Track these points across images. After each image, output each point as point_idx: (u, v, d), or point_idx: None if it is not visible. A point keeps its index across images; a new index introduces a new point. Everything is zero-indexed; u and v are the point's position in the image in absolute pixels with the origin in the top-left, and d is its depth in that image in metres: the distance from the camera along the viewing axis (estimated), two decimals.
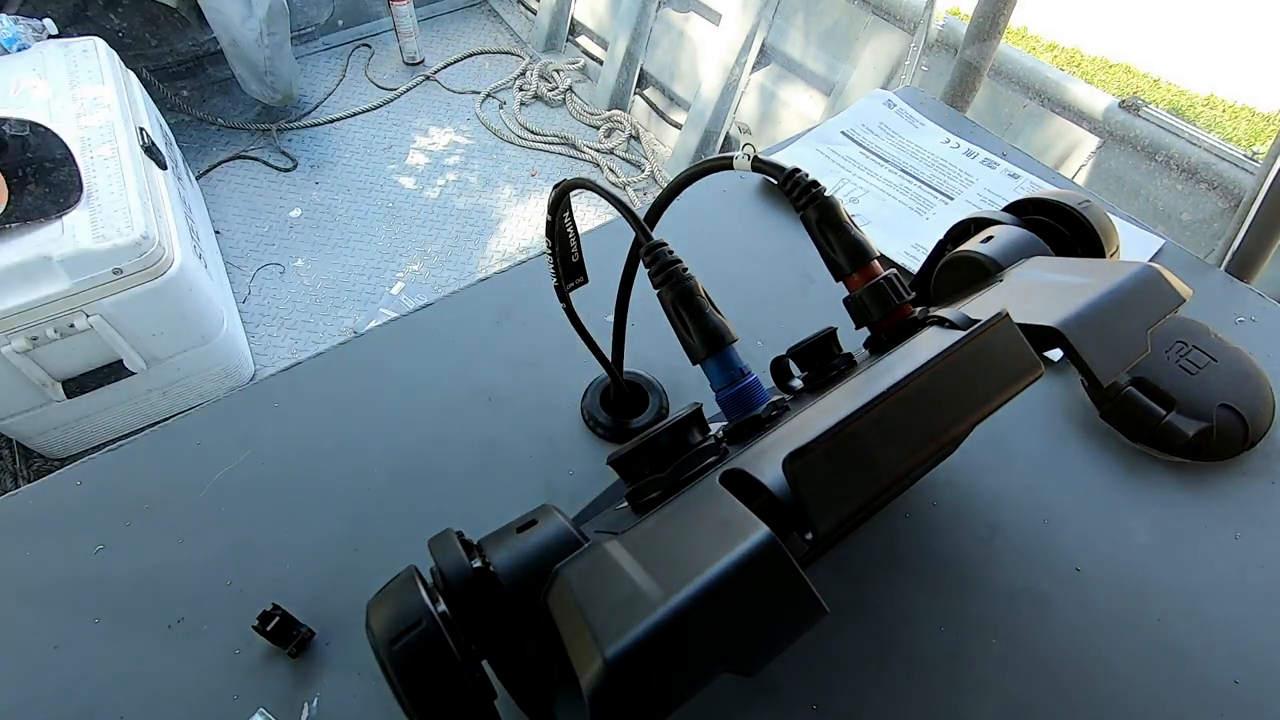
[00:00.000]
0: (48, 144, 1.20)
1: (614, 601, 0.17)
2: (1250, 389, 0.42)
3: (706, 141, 1.87)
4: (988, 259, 0.36)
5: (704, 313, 0.25)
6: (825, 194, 0.28)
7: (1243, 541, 0.38)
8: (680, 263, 0.26)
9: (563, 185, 0.33)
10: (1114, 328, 0.23)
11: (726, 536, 0.17)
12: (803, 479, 0.18)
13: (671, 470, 0.22)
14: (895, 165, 0.62)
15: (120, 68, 1.46)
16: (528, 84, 2.23)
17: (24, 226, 1.12)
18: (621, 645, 0.15)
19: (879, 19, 1.56)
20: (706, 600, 0.16)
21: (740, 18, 1.76)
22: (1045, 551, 0.38)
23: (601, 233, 0.56)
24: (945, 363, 0.20)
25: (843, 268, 0.28)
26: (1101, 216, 0.37)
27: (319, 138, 2.13)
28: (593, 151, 2.06)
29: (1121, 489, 0.41)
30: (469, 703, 0.19)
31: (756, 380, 0.26)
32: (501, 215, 1.95)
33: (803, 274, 0.53)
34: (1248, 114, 2.00)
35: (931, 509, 0.40)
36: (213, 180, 2.00)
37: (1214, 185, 1.10)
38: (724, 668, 0.16)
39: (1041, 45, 2.27)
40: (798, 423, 0.22)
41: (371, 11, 2.42)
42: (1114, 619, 0.36)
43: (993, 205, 0.56)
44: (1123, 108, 1.17)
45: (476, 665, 0.19)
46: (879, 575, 0.37)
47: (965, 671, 0.34)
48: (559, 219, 0.35)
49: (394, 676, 0.19)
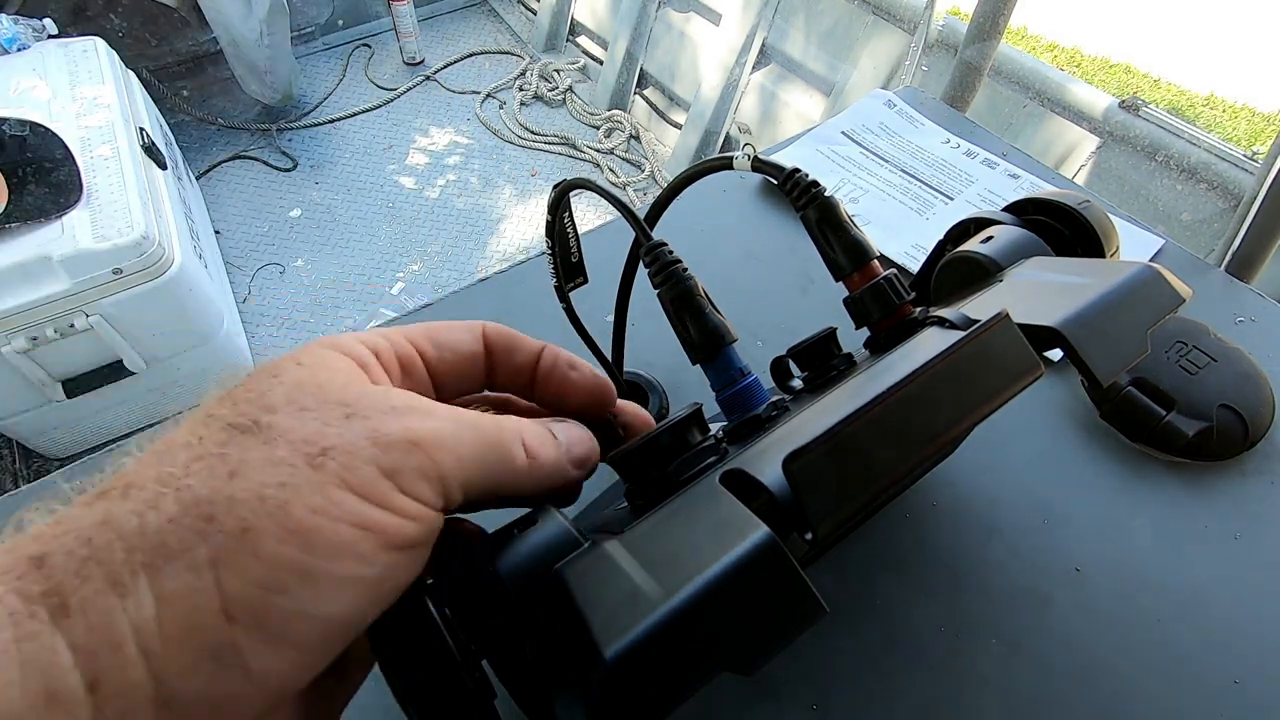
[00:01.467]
0: (48, 144, 1.21)
1: (614, 601, 0.17)
2: (1250, 389, 0.42)
3: (706, 141, 1.87)
4: (988, 259, 0.36)
5: (704, 313, 0.25)
6: (825, 194, 0.28)
7: (1243, 541, 0.38)
8: (680, 263, 0.26)
9: (563, 185, 0.33)
10: (1114, 328, 0.23)
11: (726, 536, 0.17)
12: (802, 479, 0.18)
13: (671, 470, 0.22)
14: (895, 165, 0.62)
15: (120, 68, 1.46)
16: (528, 84, 2.23)
17: (24, 226, 1.12)
18: (621, 645, 0.15)
19: (879, 19, 1.56)
20: (706, 600, 0.16)
21: (740, 18, 1.76)
22: (1045, 551, 0.38)
23: (602, 233, 0.56)
24: (945, 363, 0.20)
25: (843, 268, 0.28)
26: (1101, 217, 0.37)
27: (319, 138, 2.13)
28: (593, 151, 2.06)
29: (1121, 489, 0.41)
30: (469, 702, 0.19)
31: (756, 380, 0.26)
32: (501, 215, 1.95)
33: (803, 274, 0.53)
34: (1248, 114, 2.00)
35: (931, 509, 0.40)
36: (213, 180, 2.00)
37: (1214, 185, 1.10)
38: (724, 667, 0.16)
39: (1041, 45, 2.27)
40: (797, 423, 0.22)
41: (371, 11, 2.42)
42: (1114, 619, 0.36)
43: (993, 205, 0.56)
44: (1123, 108, 1.17)
45: (476, 665, 0.19)
46: (879, 575, 0.37)
47: (965, 671, 0.34)
48: (559, 219, 0.35)
49: (393, 676, 0.19)
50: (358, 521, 0.16)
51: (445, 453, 0.18)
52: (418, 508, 0.17)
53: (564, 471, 0.22)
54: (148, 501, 0.15)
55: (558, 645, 0.18)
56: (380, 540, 0.16)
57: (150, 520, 0.15)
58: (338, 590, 0.16)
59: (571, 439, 0.23)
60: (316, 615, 0.16)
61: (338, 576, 0.16)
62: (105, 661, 0.14)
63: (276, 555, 0.15)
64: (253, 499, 0.15)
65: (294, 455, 0.16)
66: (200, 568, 0.15)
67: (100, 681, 0.14)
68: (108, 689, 0.14)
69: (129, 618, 0.14)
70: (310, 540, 0.15)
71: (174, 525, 0.15)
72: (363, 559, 0.16)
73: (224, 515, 0.15)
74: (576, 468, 0.22)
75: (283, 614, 0.15)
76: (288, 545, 0.15)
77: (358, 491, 0.16)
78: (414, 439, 0.18)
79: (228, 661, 0.15)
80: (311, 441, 0.17)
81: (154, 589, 0.14)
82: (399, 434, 0.17)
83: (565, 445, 0.22)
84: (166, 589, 0.14)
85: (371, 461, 0.17)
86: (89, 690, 0.13)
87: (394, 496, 0.17)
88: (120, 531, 0.15)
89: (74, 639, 0.14)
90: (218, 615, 0.15)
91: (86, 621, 0.14)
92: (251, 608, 0.15)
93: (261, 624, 0.15)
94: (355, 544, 0.16)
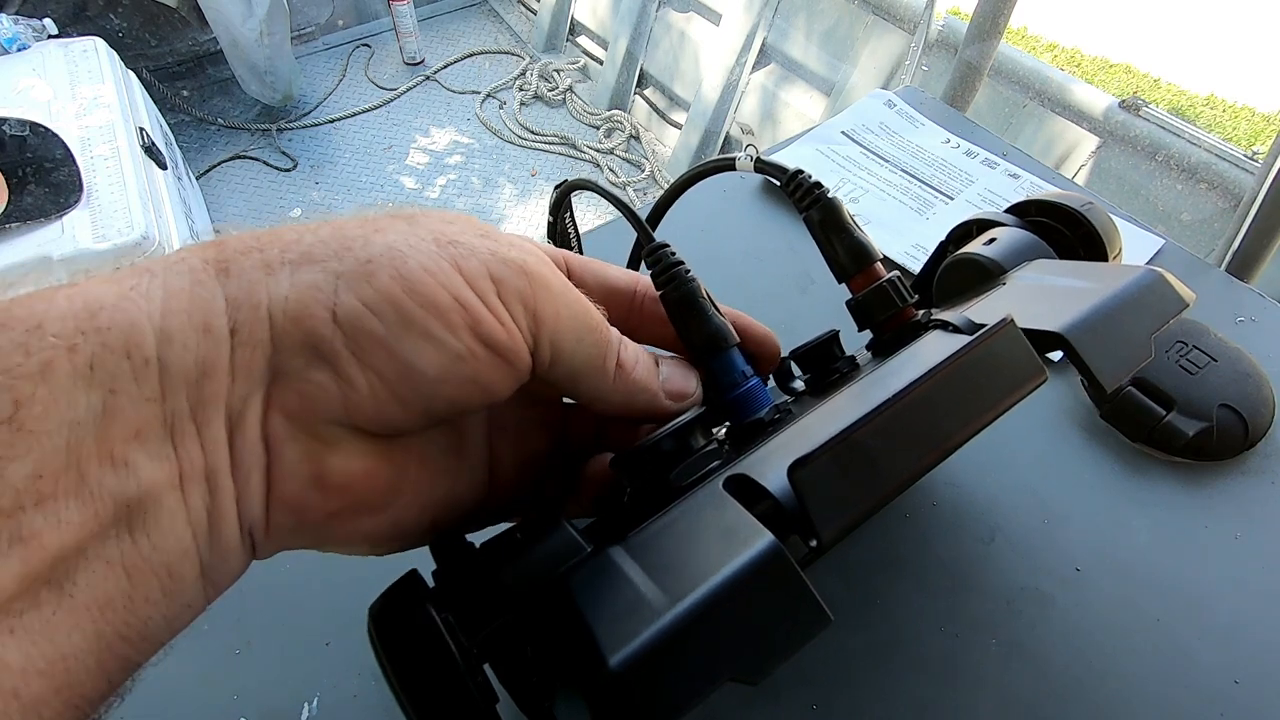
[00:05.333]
0: (48, 144, 1.20)
1: (618, 608, 0.17)
2: (1250, 389, 0.42)
3: (707, 141, 1.87)
4: (990, 261, 0.36)
5: (706, 315, 0.25)
6: (828, 195, 0.28)
7: (1243, 541, 0.38)
8: (683, 264, 0.26)
9: (564, 186, 0.33)
10: (1118, 333, 0.23)
11: (731, 543, 0.17)
12: (807, 486, 0.18)
13: (675, 474, 0.22)
14: (895, 165, 0.62)
15: (120, 68, 1.46)
16: (528, 84, 2.22)
17: (24, 226, 1.12)
18: (626, 653, 0.15)
19: (879, 19, 1.56)
20: (711, 608, 0.16)
21: (740, 18, 1.76)
22: (1045, 551, 0.38)
23: (602, 233, 0.56)
24: (950, 369, 0.20)
25: (846, 269, 0.28)
26: (1104, 218, 0.37)
27: (319, 138, 2.13)
28: (593, 151, 2.06)
29: (1121, 489, 0.41)
30: (471, 706, 0.19)
31: (759, 383, 0.26)
32: (502, 215, 1.95)
33: (804, 274, 0.53)
34: (1248, 114, 2.00)
35: (931, 509, 0.40)
36: (213, 180, 2.00)
37: (1214, 185, 1.10)
38: (729, 676, 0.16)
39: (1041, 45, 2.27)
40: (801, 428, 0.22)
41: (371, 11, 2.41)
42: (1114, 619, 0.36)
43: (993, 205, 0.56)
44: (1123, 108, 1.17)
45: (478, 669, 0.19)
46: (879, 575, 0.37)
47: (965, 671, 0.34)
48: (560, 220, 0.35)
49: (395, 679, 0.19)
50: (456, 294, 0.19)
51: (548, 296, 0.20)
52: (509, 319, 0.20)
53: (655, 398, 0.24)
54: (310, 229, 0.19)
55: (561, 652, 0.18)
56: (467, 321, 0.19)
57: (307, 238, 0.19)
58: (421, 340, 0.18)
59: (673, 373, 0.25)
60: (398, 353, 0.18)
61: (424, 329, 0.18)
62: (245, 315, 0.17)
63: (385, 288, 0.18)
64: (383, 245, 0.19)
65: (428, 235, 0.20)
66: (329, 274, 0.18)
67: (238, 328, 0.17)
68: (242, 335, 0.17)
69: (268, 290, 0.18)
70: (414, 288, 0.18)
71: (322, 244, 0.19)
72: (450, 328, 0.19)
73: (359, 248, 0.19)
74: (670, 399, 0.24)
75: (372, 337, 0.18)
76: (396, 284, 0.18)
77: (464, 275, 0.19)
78: (526, 269, 0.20)
79: (324, 353, 0.18)
80: (446, 235, 0.20)
81: (292, 278, 0.18)
82: (516, 259, 0.20)
83: (665, 376, 0.24)
84: (300, 279, 0.18)
85: (485, 263, 0.20)
86: (230, 332, 0.17)
87: (492, 297, 0.19)
88: (281, 239, 0.19)
89: (229, 292, 0.17)
90: (327, 313, 0.18)
91: (239, 284, 0.18)
92: (352, 320, 0.18)
93: (354, 337, 0.18)
94: (448, 311, 0.19)
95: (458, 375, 0.19)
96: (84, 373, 0.15)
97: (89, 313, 0.16)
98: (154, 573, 0.16)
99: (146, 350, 0.16)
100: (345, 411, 0.18)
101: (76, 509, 0.15)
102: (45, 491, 0.14)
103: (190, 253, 0.18)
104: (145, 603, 0.16)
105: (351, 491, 0.19)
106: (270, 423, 0.18)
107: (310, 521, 0.19)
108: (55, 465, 0.15)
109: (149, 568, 0.16)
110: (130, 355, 0.16)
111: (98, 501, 0.15)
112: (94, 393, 0.15)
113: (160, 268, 0.17)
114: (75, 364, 0.15)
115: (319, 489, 0.19)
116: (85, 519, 0.15)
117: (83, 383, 0.15)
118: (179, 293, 0.17)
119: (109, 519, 0.15)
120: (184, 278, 0.17)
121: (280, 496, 0.19)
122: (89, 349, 0.15)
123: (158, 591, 0.16)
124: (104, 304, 0.16)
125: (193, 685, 0.35)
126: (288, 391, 0.18)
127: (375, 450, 0.20)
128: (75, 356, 0.15)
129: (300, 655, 0.36)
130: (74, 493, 0.15)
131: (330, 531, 0.20)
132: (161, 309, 0.17)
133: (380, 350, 0.18)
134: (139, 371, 0.16)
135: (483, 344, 0.19)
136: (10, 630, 0.14)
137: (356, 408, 0.18)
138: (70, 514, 0.15)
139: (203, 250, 0.18)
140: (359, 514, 0.20)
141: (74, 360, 0.15)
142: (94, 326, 0.16)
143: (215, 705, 0.35)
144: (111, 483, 0.15)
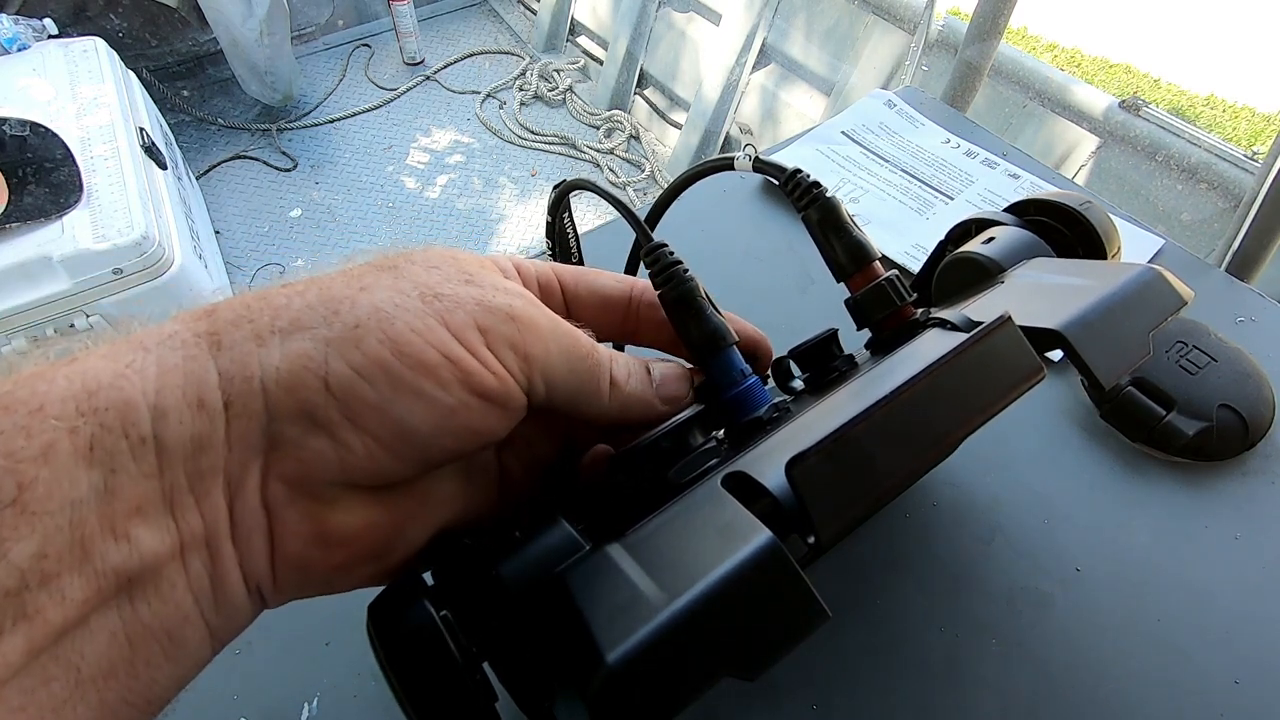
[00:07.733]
0: (48, 144, 1.20)
1: (615, 605, 0.17)
2: (1250, 389, 0.42)
3: (707, 141, 1.87)
4: (989, 260, 0.36)
5: (705, 314, 0.25)
6: (827, 195, 0.28)
7: (1243, 541, 0.38)
8: (681, 264, 0.26)
9: (563, 186, 0.33)
10: (1116, 330, 0.23)
11: (729, 540, 0.17)
12: (805, 483, 0.18)
13: (673, 472, 0.22)
14: (895, 165, 0.62)
15: (120, 68, 1.46)
16: (528, 84, 2.22)
17: (24, 226, 1.12)
18: (624, 650, 0.15)
19: (879, 19, 1.56)
20: (709, 604, 0.16)
21: (740, 18, 1.76)
22: (1045, 551, 0.38)
23: (602, 233, 0.56)
24: (948, 366, 0.20)
25: (844, 268, 0.28)
26: (1103, 217, 0.37)
27: (319, 138, 2.13)
28: (593, 151, 2.05)
29: (1121, 489, 0.41)
30: (470, 704, 0.19)
31: (757, 382, 0.26)
32: (502, 215, 1.95)
33: (803, 274, 0.53)
34: (1248, 114, 2.00)
35: (931, 509, 0.40)
36: (213, 180, 2.00)
37: (1214, 185, 1.10)
38: (726, 672, 0.16)
39: (1041, 45, 2.27)
40: (800, 426, 0.22)
41: (371, 11, 2.41)
42: (1114, 619, 0.36)
43: (993, 205, 0.56)
44: (1123, 108, 1.17)
45: (478, 667, 0.19)
46: (879, 575, 0.37)
47: (965, 671, 0.34)
48: (559, 220, 0.35)
49: (394, 678, 0.19)
50: (444, 351, 0.19)
51: (535, 337, 0.21)
52: (499, 366, 0.20)
53: (650, 406, 0.24)
54: (298, 291, 0.20)
55: (559, 649, 0.18)
56: (458, 374, 0.19)
57: (295, 303, 0.19)
58: (413, 400, 0.19)
59: (666, 376, 0.25)
60: (391, 414, 0.19)
61: (415, 388, 0.19)
62: (239, 388, 0.18)
63: (374, 353, 0.18)
64: (370, 306, 0.19)
65: (413, 290, 0.20)
66: (318, 342, 0.18)
67: (232, 401, 0.18)
68: (236, 407, 0.18)
69: (260, 361, 0.18)
70: (402, 349, 0.19)
71: (309, 310, 0.19)
72: (441, 384, 0.19)
73: (346, 311, 0.19)
74: (666, 404, 0.25)
75: (365, 402, 0.18)
76: (385, 348, 0.19)
77: (451, 329, 0.19)
78: (512, 314, 0.21)
79: (319, 421, 0.18)
80: (430, 287, 0.20)
81: (283, 347, 0.18)
82: (501, 305, 0.21)
83: (658, 382, 0.25)
84: (291, 349, 0.18)
85: (471, 314, 0.20)
86: (225, 406, 0.18)
87: (480, 348, 0.20)
88: (271, 305, 0.19)
89: (221, 366, 0.18)
90: (319, 382, 0.18)
91: (231, 356, 0.18)
92: (344, 387, 0.18)
93: (348, 404, 0.18)
94: (437, 368, 0.19)
95: (452, 427, 0.20)
96: (85, 453, 0.16)
97: (87, 393, 0.16)
98: (155, 638, 0.17)
99: (143, 428, 0.16)
100: (343, 472, 0.19)
101: (80, 585, 0.15)
102: (49, 570, 0.15)
103: (183, 324, 0.19)
104: (147, 666, 0.17)
105: (355, 544, 0.20)
106: (269, 488, 0.18)
107: (317, 576, 0.20)
108: (59, 544, 0.15)
109: (150, 634, 0.17)
110: (127, 434, 0.16)
111: (101, 577, 0.16)
112: (95, 472, 0.16)
113: (154, 342, 0.18)
114: (76, 445, 0.16)
115: (321, 546, 0.19)
116: (88, 594, 0.15)
117: (84, 463, 0.16)
118: (173, 369, 0.17)
119: (111, 591, 0.16)
120: (177, 353, 0.18)
121: (284, 555, 0.19)
122: (89, 430, 0.16)
123: (159, 655, 0.17)
124: (101, 383, 0.16)
125: (193, 685, 0.35)
126: (285, 459, 0.18)
127: (376, 501, 0.20)
128: (76, 438, 0.16)
129: (300, 655, 0.36)
130: (77, 569, 0.15)
131: (338, 582, 0.21)
132: (156, 386, 0.17)
133: (374, 414, 0.18)
134: (136, 449, 0.16)
135: (475, 394, 0.19)
136: (21, 708, 0.15)
137: (354, 468, 0.19)
138: (74, 590, 0.15)
139: (195, 322, 0.19)
140: (364, 563, 0.21)
141: (75, 441, 0.16)
142: (92, 407, 0.16)
143: (215, 705, 0.35)
144: (114, 557, 0.16)
